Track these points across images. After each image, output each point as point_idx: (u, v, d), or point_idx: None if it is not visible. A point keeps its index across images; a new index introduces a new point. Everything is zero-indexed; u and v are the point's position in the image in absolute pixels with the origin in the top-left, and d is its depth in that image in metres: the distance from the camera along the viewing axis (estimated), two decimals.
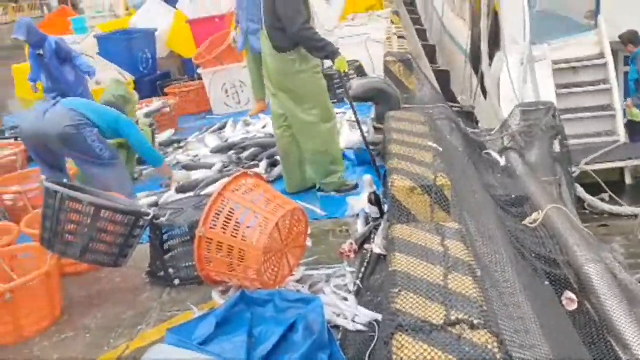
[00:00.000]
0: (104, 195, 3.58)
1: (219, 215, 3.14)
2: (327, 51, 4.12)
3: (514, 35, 7.09)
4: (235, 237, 3.11)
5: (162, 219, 3.54)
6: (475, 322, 2.00)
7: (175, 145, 6.23)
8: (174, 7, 9.23)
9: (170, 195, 4.67)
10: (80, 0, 12.02)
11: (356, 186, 4.55)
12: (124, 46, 8.10)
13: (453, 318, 2.03)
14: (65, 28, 10.42)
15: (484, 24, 7.74)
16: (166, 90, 8.04)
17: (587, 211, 6.07)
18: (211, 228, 3.13)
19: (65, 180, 3.89)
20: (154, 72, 8.61)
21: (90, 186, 4.02)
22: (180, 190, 4.71)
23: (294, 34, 4.03)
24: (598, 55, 6.96)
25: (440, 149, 3.82)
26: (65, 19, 10.96)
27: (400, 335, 1.99)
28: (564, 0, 8.47)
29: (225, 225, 3.12)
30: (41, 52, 6.66)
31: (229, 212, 3.13)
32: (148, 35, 8.48)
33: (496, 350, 1.88)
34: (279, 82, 4.28)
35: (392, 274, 2.40)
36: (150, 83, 8.23)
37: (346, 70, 4.32)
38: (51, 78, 6.76)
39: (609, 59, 6.82)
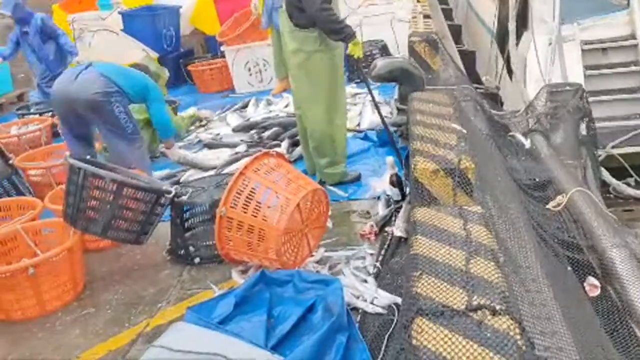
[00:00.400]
0: (126, 173, 3.60)
1: (240, 194, 3.14)
2: (344, 33, 3.99)
3: (543, 14, 6.90)
4: (255, 216, 3.11)
5: (184, 197, 3.55)
6: (497, 307, 1.97)
7: (198, 123, 6.23)
8: None
9: (191, 174, 4.68)
10: None
11: (359, 177, 4.48)
12: (148, 23, 8.08)
13: (475, 303, 2.00)
14: (90, 4, 10.43)
15: (512, 2, 7.55)
16: (189, 67, 8.03)
17: (611, 195, 5.95)
18: (232, 207, 3.14)
19: (89, 156, 3.90)
20: (177, 50, 8.59)
21: (110, 158, 4.06)
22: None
23: (311, 14, 3.95)
24: (629, 36, 6.76)
25: (465, 131, 3.76)
26: None
27: (421, 319, 1.98)
28: None
29: (246, 205, 3.12)
30: (27, 29, 6.79)
31: (250, 191, 3.13)
32: (172, 12, 8.45)
33: (518, 337, 1.86)
34: (296, 60, 4.19)
35: (413, 257, 2.38)
36: (174, 60, 8.22)
37: (360, 56, 4.17)
38: (34, 55, 6.92)
39: None
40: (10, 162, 4.66)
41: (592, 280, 3.39)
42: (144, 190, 3.36)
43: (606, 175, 5.92)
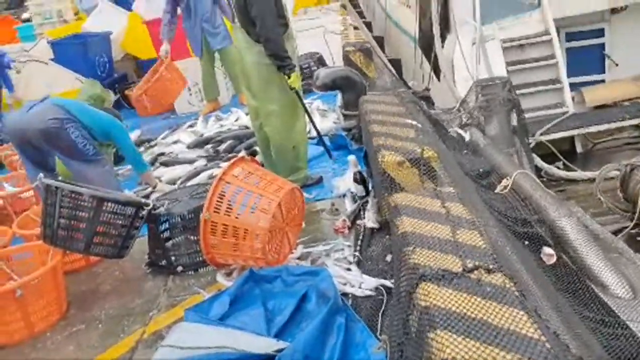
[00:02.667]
0: (100, 189, 3.64)
1: (222, 198, 3.26)
2: (286, 64, 4.12)
3: (464, 17, 7.39)
4: (239, 218, 3.24)
5: (161, 209, 3.63)
6: (491, 266, 2.21)
7: (147, 144, 6.25)
8: (127, 10, 9.16)
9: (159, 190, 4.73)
10: (24, 9, 11.70)
11: (320, 179, 4.65)
12: (79, 50, 7.99)
13: (470, 265, 2.23)
14: (10, 36, 10.19)
15: (435, 8, 8.01)
16: (126, 92, 8.00)
17: (544, 179, 6.42)
18: (215, 211, 3.25)
19: (59, 178, 3.90)
20: (111, 75, 8.53)
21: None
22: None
23: (262, 33, 4.05)
24: (543, 32, 7.34)
25: (420, 125, 4.04)
26: (10, 27, 10.70)
27: (425, 284, 2.18)
28: None
29: (229, 208, 3.25)
30: None
31: (232, 195, 3.26)
32: (104, 39, 8.39)
33: (513, 288, 2.09)
34: (255, 73, 4.31)
35: (403, 235, 2.59)
36: (109, 86, 8.14)
37: (298, 88, 4.29)
38: None
39: (554, 35, 7.20)
40: None
41: (547, 250, 3.71)
42: (123, 204, 3.42)
43: (538, 160, 6.39)
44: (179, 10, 6.83)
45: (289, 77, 4.17)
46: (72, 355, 3.00)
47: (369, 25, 14.48)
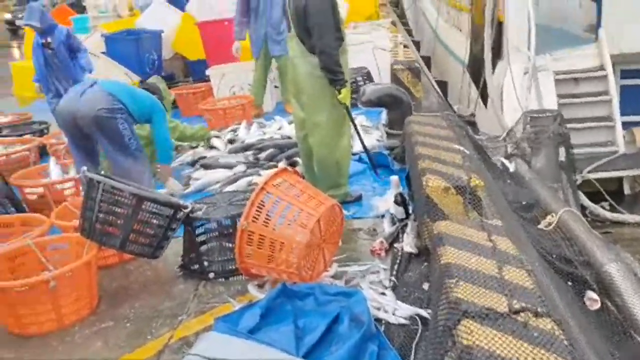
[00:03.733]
0: (142, 187, 3.63)
1: (261, 209, 3.21)
2: (338, 78, 4.09)
3: (518, 45, 7.26)
4: (277, 230, 3.19)
5: (199, 213, 3.60)
6: (539, 309, 2.10)
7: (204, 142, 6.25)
8: (181, 10, 9.28)
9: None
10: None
11: (360, 197, 4.57)
12: (132, 46, 8.12)
13: (517, 307, 2.13)
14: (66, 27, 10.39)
15: (488, 33, 7.89)
16: (173, 91, 8.06)
17: (589, 218, 6.23)
18: (253, 221, 3.21)
19: (102, 172, 3.92)
20: (159, 74, 8.62)
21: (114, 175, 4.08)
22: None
23: (319, 45, 4.02)
24: (598, 67, 7.16)
25: (467, 152, 3.94)
26: (66, 18, 10.92)
27: (468, 321, 2.08)
28: (563, 14, 8.70)
29: (267, 219, 3.20)
30: (49, 39, 6.40)
31: (272, 205, 3.21)
32: (155, 36, 8.51)
33: (562, 337, 1.99)
34: (306, 84, 4.28)
35: (446, 266, 2.49)
36: None
37: (348, 105, 4.25)
38: (56, 68, 6.50)
39: (609, 71, 7.01)
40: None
41: (591, 294, 3.57)
42: (162, 204, 3.40)
43: (584, 199, 6.20)
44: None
45: (340, 93, 4.12)
46: (99, 352, 2.97)
47: (416, 44, 14.40)
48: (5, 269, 3.44)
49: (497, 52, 7.93)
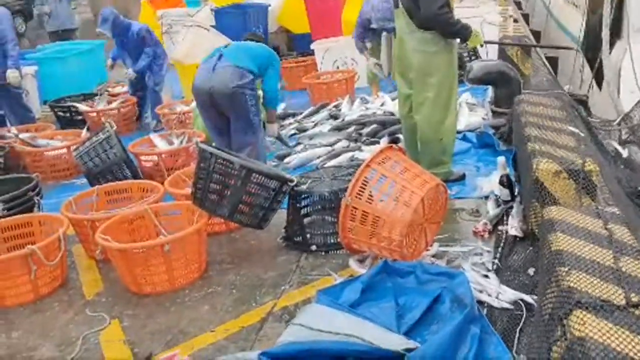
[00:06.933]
0: (251, 160, 3.75)
1: (365, 185, 3.23)
2: (462, 34, 4.13)
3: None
4: (380, 207, 3.20)
5: (304, 187, 3.68)
6: None
7: (291, 118, 6.38)
8: None
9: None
10: None
11: (463, 176, 4.50)
12: (239, 20, 8.29)
13: (635, 299, 2.03)
14: (177, 1, 10.79)
15: (607, 11, 7.41)
16: None
17: None
18: (357, 197, 3.24)
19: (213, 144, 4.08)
20: None
21: (232, 146, 4.24)
22: None
23: (428, 18, 4.01)
24: None
25: (582, 134, 3.76)
26: None
27: (580, 312, 2.01)
28: None
29: (371, 196, 3.22)
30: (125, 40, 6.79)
31: (376, 182, 3.23)
32: (262, 10, 8.66)
33: None
34: (413, 60, 4.22)
35: (557, 253, 2.41)
36: None
37: (482, 44, 4.33)
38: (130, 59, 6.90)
39: None
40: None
41: None
42: (270, 177, 3.50)
43: None
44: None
45: (467, 44, 4.27)
46: (206, 315, 3.13)
47: (526, 18, 13.78)
48: (124, 231, 3.67)
49: (617, 31, 7.45)
